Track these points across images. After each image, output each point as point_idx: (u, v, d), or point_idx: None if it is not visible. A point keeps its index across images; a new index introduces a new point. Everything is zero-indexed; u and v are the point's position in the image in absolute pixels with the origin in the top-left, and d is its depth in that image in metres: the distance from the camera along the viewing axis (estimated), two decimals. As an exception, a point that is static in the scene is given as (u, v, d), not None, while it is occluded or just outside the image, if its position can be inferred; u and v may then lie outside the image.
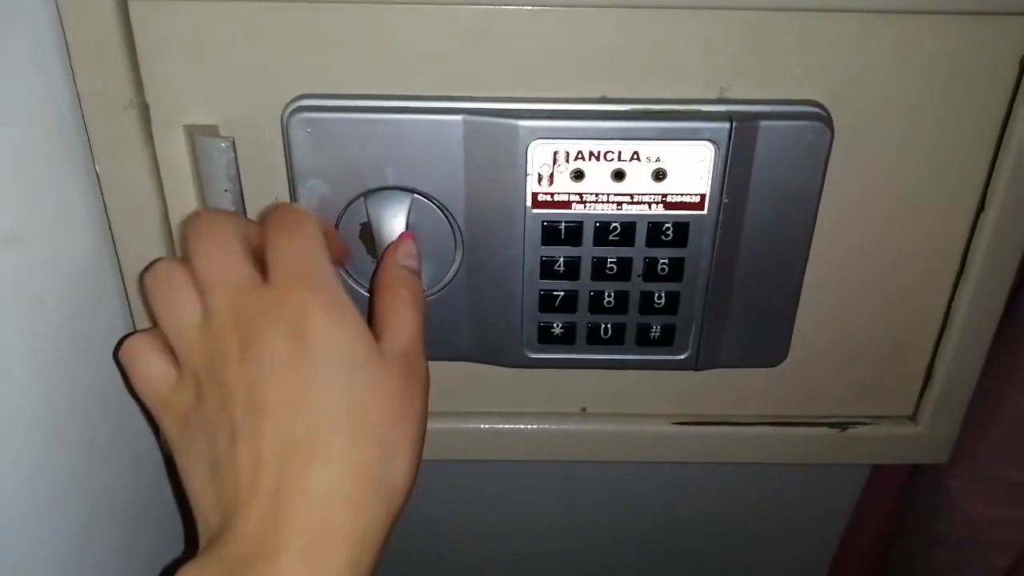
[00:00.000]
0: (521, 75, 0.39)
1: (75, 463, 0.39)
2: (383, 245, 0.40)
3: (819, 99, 0.40)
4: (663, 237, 0.41)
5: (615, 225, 0.41)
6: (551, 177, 0.39)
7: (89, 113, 0.38)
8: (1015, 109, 0.40)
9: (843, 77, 0.39)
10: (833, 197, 0.41)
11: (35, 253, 0.36)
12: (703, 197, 0.40)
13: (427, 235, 0.41)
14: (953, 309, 0.46)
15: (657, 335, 0.44)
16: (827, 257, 0.44)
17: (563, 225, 0.41)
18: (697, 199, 0.40)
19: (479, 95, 0.39)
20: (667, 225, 0.41)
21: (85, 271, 0.40)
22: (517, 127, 0.38)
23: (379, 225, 0.40)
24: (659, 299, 0.43)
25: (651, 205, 0.40)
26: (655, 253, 0.42)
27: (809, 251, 0.42)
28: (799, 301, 0.44)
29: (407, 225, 0.40)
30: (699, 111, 0.39)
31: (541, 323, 0.44)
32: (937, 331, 0.47)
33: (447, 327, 0.44)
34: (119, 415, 0.43)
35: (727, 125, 0.38)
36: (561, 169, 0.39)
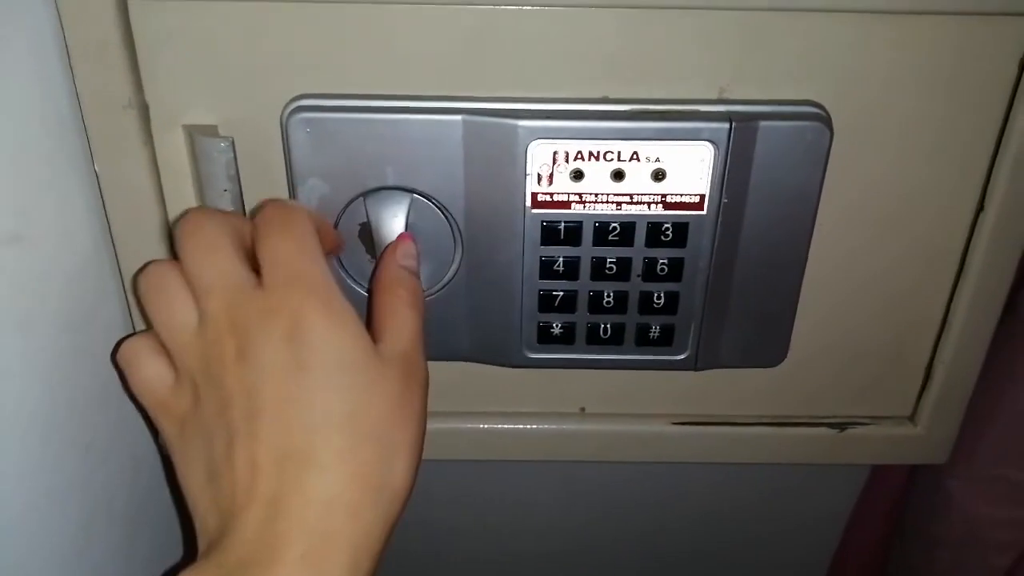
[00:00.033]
0: (521, 75, 0.39)
1: (74, 464, 0.39)
2: (382, 245, 0.40)
3: (818, 99, 0.39)
4: (662, 237, 0.41)
5: (614, 225, 0.41)
6: (550, 177, 0.39)
7: (88, 113, 0.38)
8: (1014, 109, 0.40)
9: (843, 77, 0.39)
10: (833, 197, 0.41)
11: (34, 253, 0.36)
12: (702, 197, 0.40)
13: (426, 235, 0.41)
14: (952, 309, 0.46)
15: (656, 335, 0.44)
16: (826, 257, 0.44)
17: (562, 225, 0.41)
18: (696, 199, 0.40)
19: (479, 95, 0.39)
20: (666, 225, 0.41)
21: (84, 271, 0.40)
22: (516, 127, 0.38)
23: (378, 225, 0.40)
24: (658, 299, 0.43)
25: (650, 205, 0.40)
26: (654, 253, 0.42)
27: (808, 251, 0.42)
28: (798, 301, 0.44)
29: (406, 225, 0.40)
30: (698, 111, 0.39)
31: (540, 323, 0.44)
32: (936, 331, 0.47)
33: (446, 327, 0.44)
34: (118, 416, 0.43)
35: (727, 125, 0.38)
36: (561, 169, 0.39)
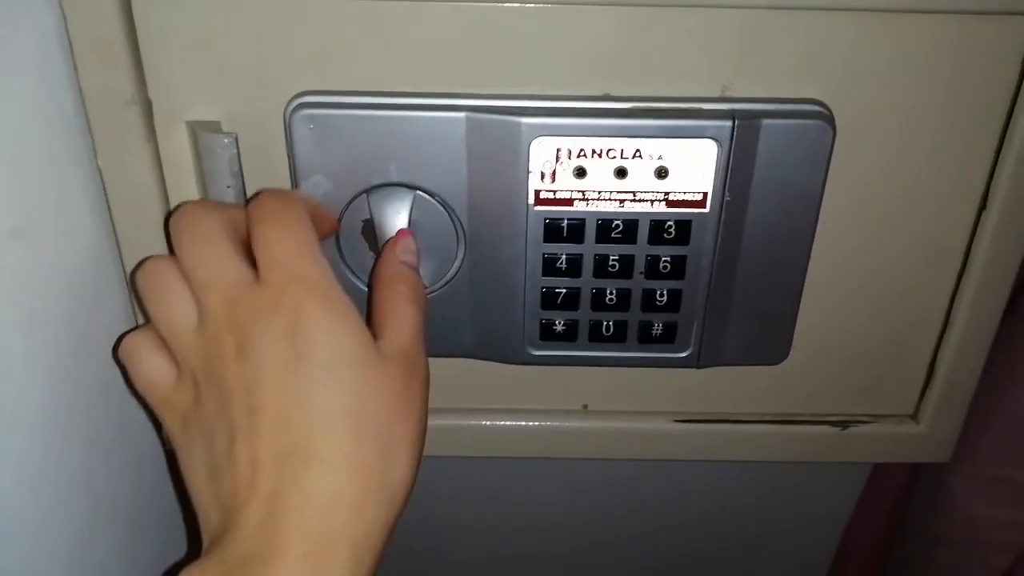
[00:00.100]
0: (524, 72, 0.39)
1: (77, 461, 0.39)
2: (385, 241, 0.40)
3: (821, 98, 0.39)
4: (665, 235, 0.41)
5: (617, 223, 0.41)
6: (553, 174, 0.39)
7: (92, 109, 0.38)
8: (1017, 108, 0.40)
9: (846, 76, 0.39)
10: (835, 196, 0.41)
11: (37, 249, 0.36)
12: (705, 195, 0.40)
13: (429, 232, 0.41)
14: (955, 308, 0.46)
15: (659, 333, 0.44)
16: (829, 255, 0.44)
17: (565, 222, 0.41)
18: (699, 197, 0.40)
19: (482, 92, 0.39)
20: (669, 223, 0.41)
21: (87, 267, 0.40)
22: (520, 124, 0.38)
23: (381, 222, 0.40)
24: (661, 297, 0.43)
25: (653, 203, 0.40)
26: (657, 251, 0.42)
27: (811, 249, 0.42)
28: (801, 299, 0.44)
29: (409, 222, 0.41)
30: (701, 109, 0.39)
31: (543, 320, 0.44)
32: (939, 330, 0.47)
33: (449, 324, 0.44)
34: (121, 413, 0.43)
35: (729, 123, 0.38)
36: (563, 166, 0.39)
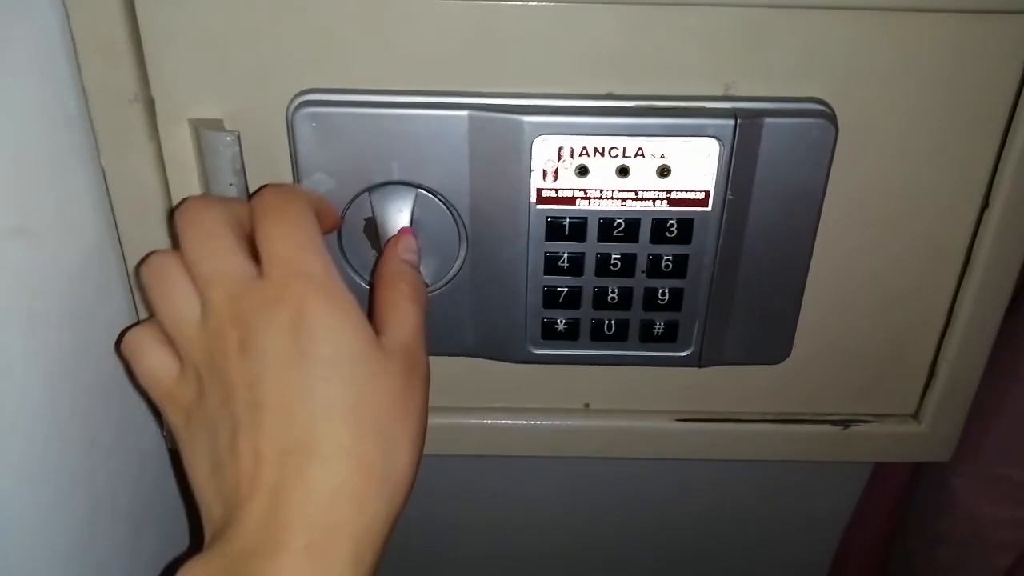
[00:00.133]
0: (526, 71, 0.39)
1: (78, 460, 0.39)
2: (387, 240, 0.40)
3: (823, 97, 0.39)
4: (667, 234, 0.41)
5: (619, 221, 0.41)
6: (555, 173, 0.39)
7: (95, 107, 0.38)
8: (1019, 107, 0.40)
9: (848, 75, 0.39)
10: (837, 194, 0.41)
11: (39, 247, 0.36)
12: (707, 194, 0.40)
13: (431, 230, 0.41)
14: (956, 307, 0.46)
15: (660, 331, 0.44)
16: (830, 254, 0.44)
17: (567, 221, 0.41)
18: (701, 196, 0.40)
19: (484, 90, 0.39)
20: (671, 222, 0.41)
21: (89, 265, 0.40)
22: (522, 123, 0.38)
23: (383, 220, 0.40)
24: (663, 295, 0.43)
25: (655, 201, 0.40)
26: (659, 250, 0.42)
27: (813, 248, 0.42)
28: (802, 298, 0.44)
29: (411, 220, 0.41)
30: (704, 108, 0.39)
31: (545, 319, 0.44)
32: (940, 329, 0.47)
33: (451, 322, 0.44)
34: (122, 411, 0.43)
35: (732, 122, 0.38)
36: (566, 165, 0.39)
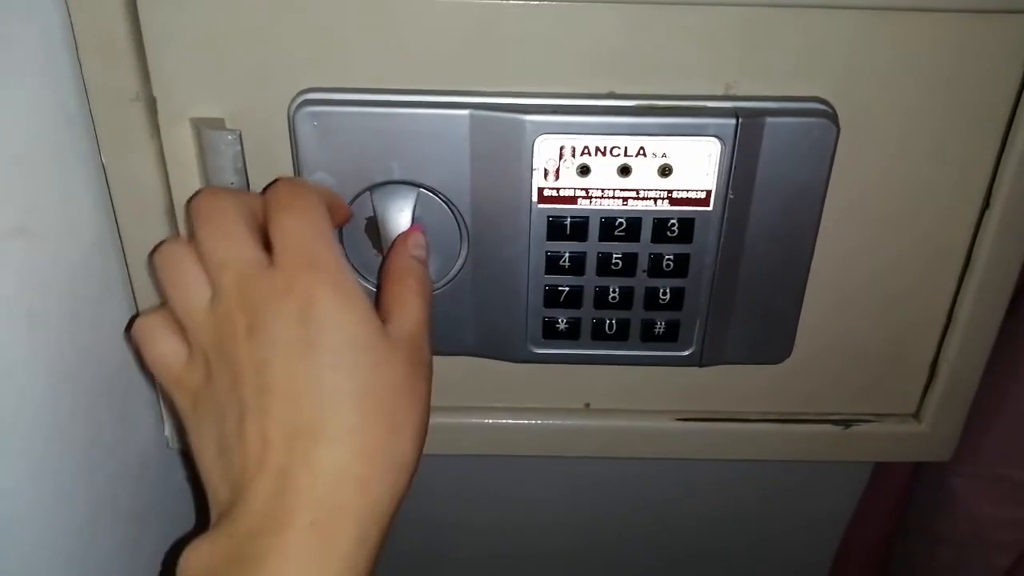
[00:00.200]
0: (528, 70, 0.39)
1: (78, 459, 0.39)
2: (389, 239, 0.40)
3: (825, 96, 0.39)
4: (668, 233, 0.41)
5: (620, 221, 0.41)
6: (557, 172, 0.39)
7: (96, 106, 0.38)
8: (1020, 107, 0.40)
9: (849, 74, 0.39)
10: (838, 194, 0.41)
11: (40, 246, 0.36)
12: (709, 193, 0.40)
13: (433, 230, 0.41)
14: (957, 306, 0.46)
15: (661, 331, 0.44)
16: (831, 254, 0.44)
17: (568, 220, 0.41)
18: (703, 195, 0.40)
19: (486, 90, 0.39)
20: (672, 221, 0.41)
21: (90, 264, 0.40)
22: (524, 122, 0.38)
23: (385, 219, 0.40)
24: (664, 295, 0.43)
25: (657, 201, 0.40)
26: (660, 249, 0.42)
27: (814, 248, 0.42)
28: (803, 298, 0.44)
29: (412, 220, 0.41)
30: (705, 107, 0.39)
31: (546, 318, 0.44)
32: (941, 328, 0.47)
33: (452, 322, 0.44)
34: (122, 411, 0.43)
35: (733, 121, 0.38)
36: (567, 164, 0.39)
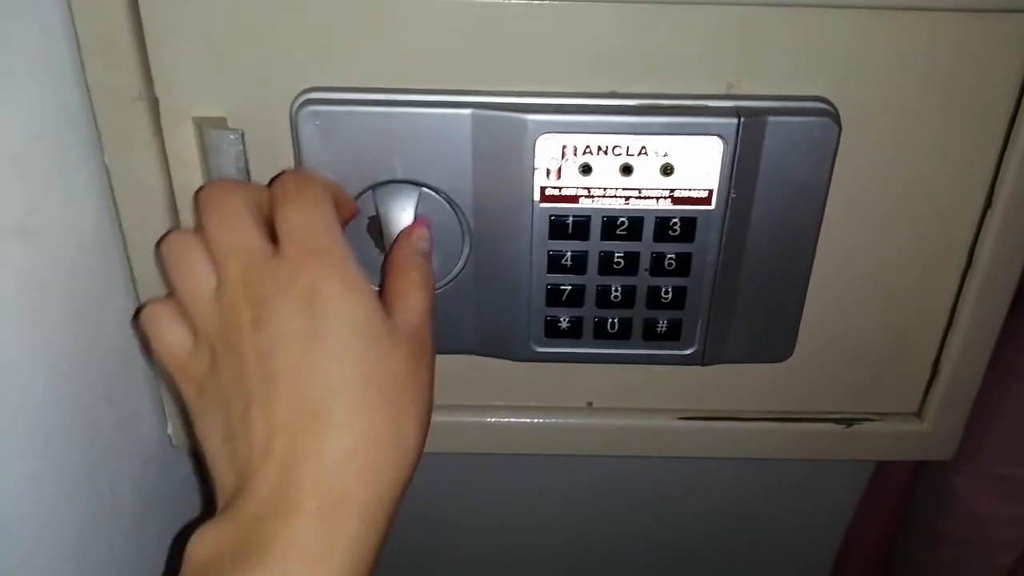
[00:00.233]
0: (530, 69, 0.39)
1: (80, 458, 0.39)
2: (391, 238, 0.40)
3: (827, 95, 0.39)
4: (670, 232, 0.41)
5: (622, 220, 0.41)
6: (559, 171, 0.39)
7: (98, 105, 0.39)
8: (1022, 106, 0.40)
9: (850, 73, 0.39)
10: (840, 193, 0.41)
11: (42, 245, 0.36)
12: (711, 192, 0.40)
13: (435, 229, 0.41)
14: (959, 305, 0.46)
15: (664, 330, 0.44)
16: (834, 253, 0.44)
17: (571, 219, 0.41)
18: (705, 194, 0.40)
19: (488, 89, 0.39)
20: (674, 220, 0.41)
21: (92, 264, 0.40)
22: (526, 121, 0.38)
23: (387, 218, 0.40)
24: (666, 294, 0.43)
25: (659, 200, 0.40)
26: (662, 248, 0.42)
27: (816, 247, 0.42)
28: (806, 297, 0.44)
29: (414, 219, 0.40)
30: (707, 106, 0.39)
31: (548, 317, 0.44)
32: (943, 327, 0.47)
33: (454, 320, 0.44)
34: (124, 409, 0.43)
35: (735, 120, 0.38)
36: (569, 163, 0.39)
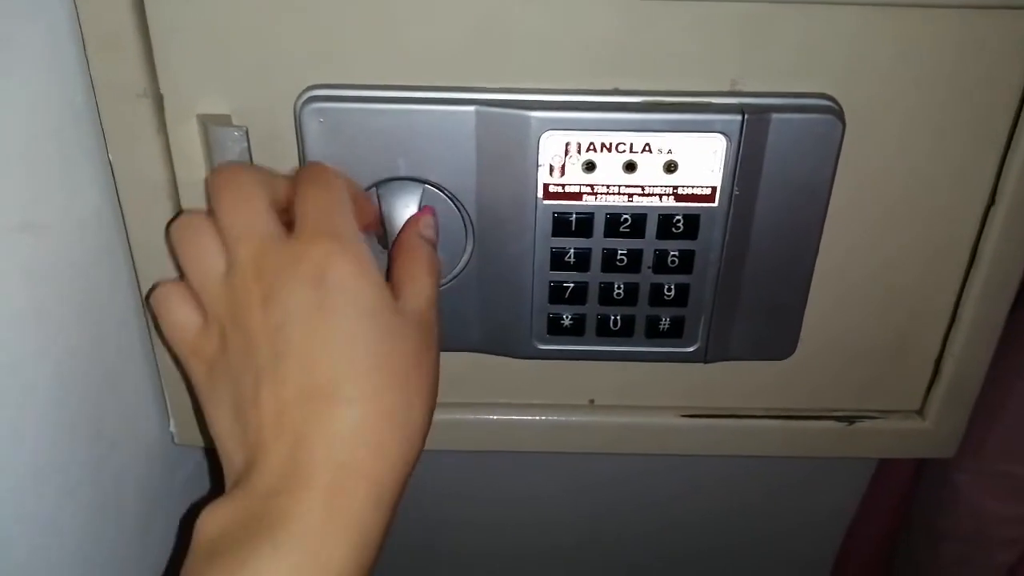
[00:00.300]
0: (533, 66, 0.39)
1: (84, 454, 0.39)
2: (394, 235, 0.40)
3: (830, 92, 0.39)
4: (674, 229, 0.41)
5: (626, 217, 0.41)
6: (562, 168, 0.39)
7: (103, 102, 0.39)
8: (1025, 103, 0.40)
9: (855, 70, 0.39)
10: (844, 190, 0.41)
11: (47, 241, 0.36)
12: (714, 189, 0.40)
13: (438, 224, 0.41)
14: (962, 303, 0.46)
15: (666, 327, 0.44)
16: (837, 250, 0.44)
17: (574, 216, 0.41)
18: (708, 191, 0.40)
19: (491, 86, 0.39)
20: (678, 217, 0.41)
21: (97, 260, 0.40)
22: (529, 118, 0.38)
23: (390, 215, 0.40)
24: (669, 291, 0.43)
25: (662, 197, 0.40)
26: (665, 245, 0.42)
27: (819, 244, 0.43)
28: (808, 294, 0.44)
29: (418, 214, 0.41)
30: (711, 103, 0.39)
31: (551, 314, 0.44)
32: (946, 325, 0.47)
33: (457, 318, 0.44)
34: (128, 405, 0.44)
35: (739, 118, 0.38)
36: (573, 160, 0.39)
